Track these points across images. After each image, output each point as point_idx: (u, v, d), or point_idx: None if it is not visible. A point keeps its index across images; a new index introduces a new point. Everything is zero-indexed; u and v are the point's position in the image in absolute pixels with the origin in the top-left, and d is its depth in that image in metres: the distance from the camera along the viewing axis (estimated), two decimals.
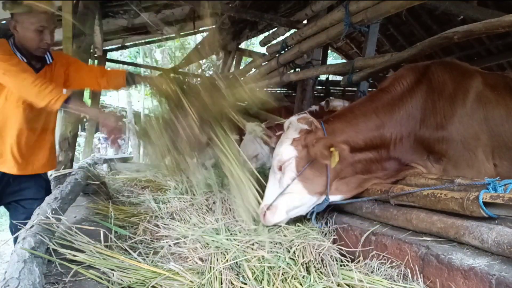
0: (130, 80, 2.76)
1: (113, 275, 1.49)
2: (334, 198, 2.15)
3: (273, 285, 1.54)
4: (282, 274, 1.60)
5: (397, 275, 1.66)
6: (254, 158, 3.63)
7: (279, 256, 1.72)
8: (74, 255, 1.57)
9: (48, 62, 2.60)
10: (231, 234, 2.00)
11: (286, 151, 2.11)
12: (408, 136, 2.21)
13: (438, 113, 2.19)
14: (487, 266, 1.35)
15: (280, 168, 2.12)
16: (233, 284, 1.54)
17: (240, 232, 2.03)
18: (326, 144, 1.94)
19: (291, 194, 2.08)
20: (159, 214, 2.35)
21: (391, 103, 2.22)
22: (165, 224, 2.20)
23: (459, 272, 1.41)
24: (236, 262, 1.65)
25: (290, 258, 1.72)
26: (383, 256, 1.79)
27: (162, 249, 1.87)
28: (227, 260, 1.65)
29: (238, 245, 1.80)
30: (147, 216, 2.34)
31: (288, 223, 2.15)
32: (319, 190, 2.11)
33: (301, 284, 1.56)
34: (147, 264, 1.65)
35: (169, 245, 1.91)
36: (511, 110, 2.23)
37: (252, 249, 1.78)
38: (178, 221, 2.24)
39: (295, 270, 1.62)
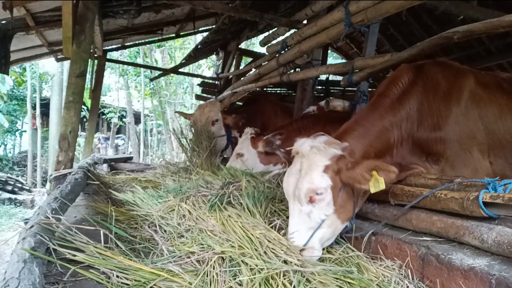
0: None
1: (113, 275, 1.49)
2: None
3: None
4: None
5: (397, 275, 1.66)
6: (239, 157, 3.71)
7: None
8: (74, 255, 1.57)
9: None
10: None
11: (320, 180, 1.83)
12: (407, 139, 2.21)
13: (434, 113, 2.20)
14: (487, 266, 1.35)
15: (310, 200, 1.85)
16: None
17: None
18: (369, 167, 1.76)
19: (325, 229, 1.86)
20: (159, 215, 2.35)
21: (392, 107, 2.20)
22: (165, 225, 2.20)
23: (459, 272, 1.41)
24: None
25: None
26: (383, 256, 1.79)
27: (160, 250, 1.87)
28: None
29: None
30: (147, 217, 2.34)
31: None
32: (350, 215, 1.96)
33: None
34: (146, 265, 1.65)
35: (168, 247, 1.91)
36: (503, 108, 2.25)
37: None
38: (179, 224, 2.23)
39: None
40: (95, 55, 6.94)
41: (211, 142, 4.40)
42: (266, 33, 6.51)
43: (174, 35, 8.01)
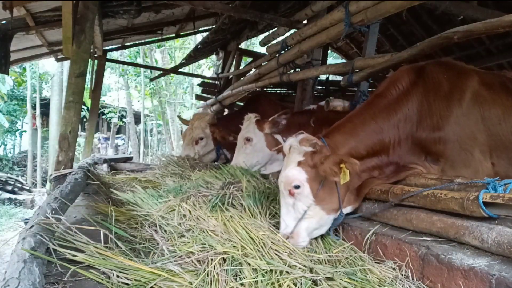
0: None
1: (113, 275, 1.49)
2: (346, 210, 2.13)
3: None
4: None
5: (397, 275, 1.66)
6: (247, 142, 3.60)
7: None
8: (74, 255, 1.57)
9: None
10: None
11: (294, 174, 2.01)
12: (406, 139, 2.21)
13: (434, 114, 2.19)
14: (487, 266, 1.35)
15: (290, 193, 2.02)
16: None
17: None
18: (335, 161, 1.87)
19: (309, 219, 2.01)
20: (159, 215, 2.34)
21: (388, 108, 2.21)
22: (165, 225, 2.20)
23: (459, 272, 1.41)
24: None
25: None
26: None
27: (161, 250, 1.87)
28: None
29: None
30: (147, 217, 2.34)
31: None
32: (335, 207, 2.06)
33: None
34: (146, 265, 1.65)
35: (168, 247, 1.91)
36: (507, 109, 2.23)
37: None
38: (179, 224, 2.22)
39: None
40: (95, 55, 6.94)
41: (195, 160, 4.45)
42: (266, 33, 6.51)
43: (174, 35, 8.01)
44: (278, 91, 7.45)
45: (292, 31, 4.73)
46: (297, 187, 1.99)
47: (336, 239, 2.09)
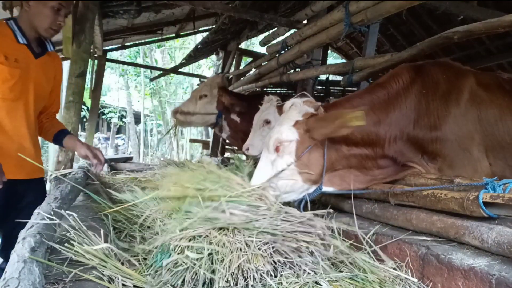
0: (58, 140, 2.65)
1: (117, 278, 1.49)
2: (326, 189, 2.13)
3: None
4: None
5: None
6: (266, 124, 3.40)
7: None
8: (74, 255, 1.57)
9: (49, 49, 2.49)
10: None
11: (287, 132, 2.03)
12: (402, 136, 2.20)
13: (432, 113, 2.19)
14: (487, 266, 1.35)
15: (276, 149, 2.04)
16: None
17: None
18: (343, 113, 1.88)
19: (283, 179, 2.02)
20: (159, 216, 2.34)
21: (387, 100, 2.21)
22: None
23: (459, 272, 1.41)
24: None
25: None
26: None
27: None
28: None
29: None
30: (147, 218, 2.33)
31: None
32: (313, 178, 2.07)
33: None
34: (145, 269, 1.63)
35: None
36: (504, 110, 2.24)
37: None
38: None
39: None
40: (95, 55, 6.94)
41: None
42: (266, 33, 6.52)
43: (174, 35, 8.02)
44: (278, 91, 7.46)
45: (292, 31, 4.74)
46: (285, 144, 2.01)
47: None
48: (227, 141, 5.09)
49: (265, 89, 6.71)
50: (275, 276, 1.44)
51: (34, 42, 2.41)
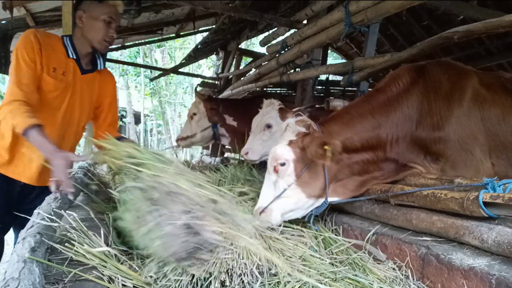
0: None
1: (118, 279, 1.49)
2: (331, 200, 2.13)
3: None
4: None
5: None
6: (267, 129, 3.29)
7: None
8: (74, 255, 1.57)
9: (99, 67, 2.59)
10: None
11: (282, 152, 2.06)
12: (404, 137, 2.20)
13: (435, 113, 2.19)
14: (487, 266, 1.35)
15: (275, 170, 2.07)
16: None
17: None
18: (319, 142, 1.90)
19: (287, 198, 2.04)
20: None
21: (387, 104, 2.21)
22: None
23: (459, 272, 1.41)
24: None
25: None
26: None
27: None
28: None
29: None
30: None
31: (291, 222, 2.13)
32: (316, 193, 2.07)
33: None
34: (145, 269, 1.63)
35: None
36: (506, 110, 2.24)
37: None
38: None
39: None
40: None
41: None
42: (266, 33, 6.51)
43: (174, 35, 8.01)
44: (278, 91, 7.46)
45: (292, 31, 4.73)
46: (283, 164, 2.04)
47: (315, 229, 2.09)
48: (229, 147, 5.18)
49: (265, 89, 6.73)
50: (275, 275, 1.44)
51: (85, 58, 2.50)
